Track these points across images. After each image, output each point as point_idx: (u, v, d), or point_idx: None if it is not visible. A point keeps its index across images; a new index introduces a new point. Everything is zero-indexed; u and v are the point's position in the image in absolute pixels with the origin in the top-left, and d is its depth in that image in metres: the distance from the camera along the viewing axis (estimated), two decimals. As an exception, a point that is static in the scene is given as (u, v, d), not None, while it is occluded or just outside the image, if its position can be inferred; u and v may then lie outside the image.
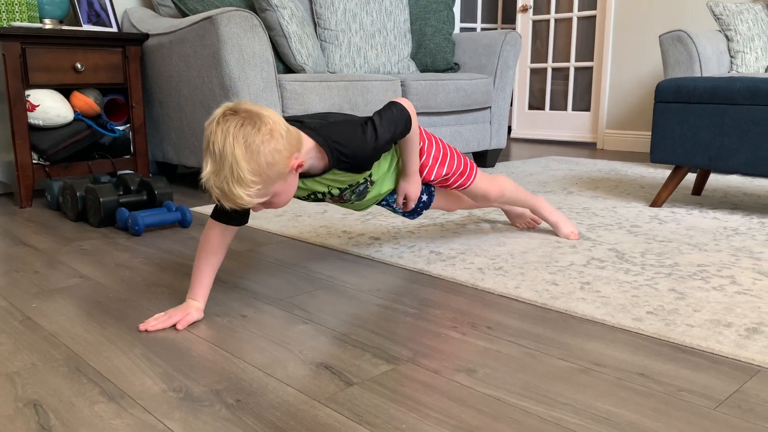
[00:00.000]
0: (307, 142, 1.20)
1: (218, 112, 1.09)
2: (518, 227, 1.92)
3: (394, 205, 1.58)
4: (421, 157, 1.48)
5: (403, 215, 1.67)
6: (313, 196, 1.38)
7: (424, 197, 1.63)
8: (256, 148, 1.06)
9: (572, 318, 1.22)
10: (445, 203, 1.74)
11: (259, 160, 1.07)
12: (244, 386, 0.96)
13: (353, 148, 1.24)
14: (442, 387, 0.95)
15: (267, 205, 1.18)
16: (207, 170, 1.08)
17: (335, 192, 1.37)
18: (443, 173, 1.53)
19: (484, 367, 1.02)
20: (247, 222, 1.30)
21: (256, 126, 1.07)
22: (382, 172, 1.43)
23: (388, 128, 1.28)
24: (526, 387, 0.95)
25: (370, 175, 1.39)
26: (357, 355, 1.07)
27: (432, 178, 1.52)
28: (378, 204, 1.59)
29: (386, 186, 1.48)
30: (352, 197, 1.43)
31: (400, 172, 1.47)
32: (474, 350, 1.08)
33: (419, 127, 1.49)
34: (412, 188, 1.47)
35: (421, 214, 1.68)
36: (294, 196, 1.38)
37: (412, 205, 1.50)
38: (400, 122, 1.31)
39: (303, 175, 1.27)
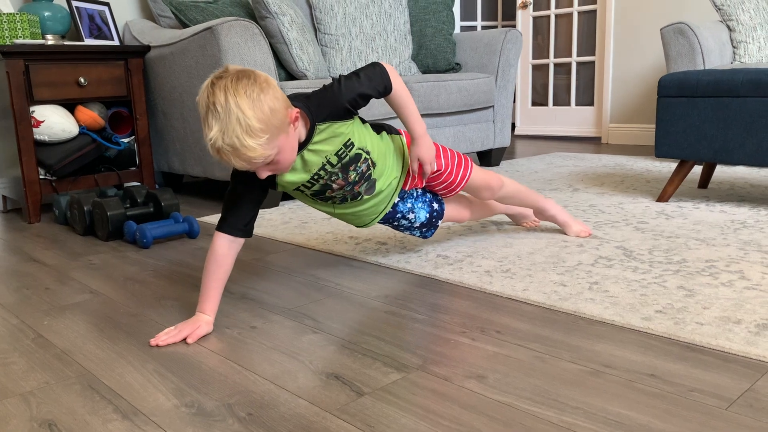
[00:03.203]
0: None
1: (208, 79, 1.13)
2: (525, 227, 1.92)
3: (407, 201, 1.56)
4: None
5: (419, 235, 1.66)
6: (318, 179, 1.35)
7: (436, 205, 1.62)
8: (257, 96, 1.10)
9: (581, 319, 1.22)
10: (456, 212, 1.71)
11: (262, 107, 1.11)
12: (256, 399, 0.97)
13: (324, 95, 1.29)
14: (453, 394, 0.96)
15: (273, 166, 1.20)
16: (214, 131, 1.10)
17: (334, 160, 1.33)
18: (442, 165, 1.52)
19: (495, 373, 1.02)
20: (251, 234, 1.31)
21: (251, 78, 1.12)
22: (381, 153, 1.41)
23: (357, 79, 1.30)
24: (536, 392, 0.95)
25: (368, 151, 1.37)
26: (367, 364, 1.07)
27: (434, 168, 1.51)
28: (392, 226, 1.61)
29: (393, 174, 1.47)
30: (360, 182, 1.40)
31: (406, 159, 1.48)
32: (484, 355, 1.09)
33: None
34: (424, 151, 1.43)
35: (437, 227, 1.66)
36: (300, 187, 1.37)
37: (429, 169, 1.46)
38: (373, 76, 1.32)
39: (299, 147, 1.28)
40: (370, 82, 1.31)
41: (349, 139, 1.33)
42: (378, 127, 1.46)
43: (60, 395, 1.01)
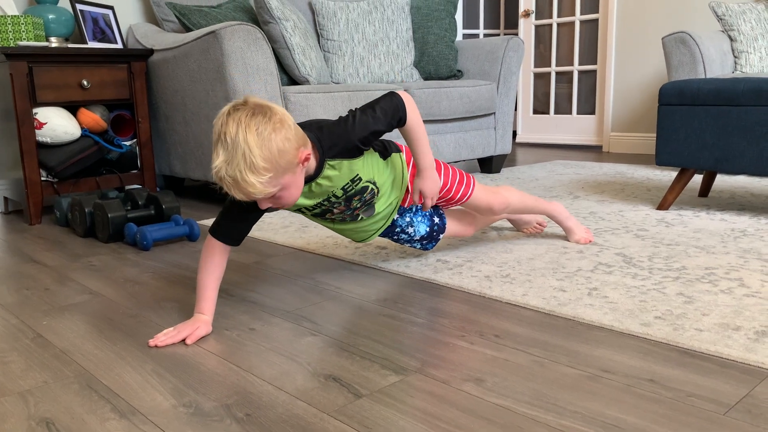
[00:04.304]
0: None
1: (227, 106, 1.13)
2: (525, 233, 1.92)
3: (406, 216, 1.57)
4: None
5: (420, 247, 1.66)
6: (321, 206, 1.38)
7: (436, 219, 1.62)
8: (268, 135, 1.10)
9: (580, 324, 1.22)
10: (459, 228, 1.71)
11: (270, 147, 1.10)
12: (254, 400, 0.97)
13: (337, 129, 1.27)
14: (451, 397, 0.96)
15: (275, 200, 1.20)
16: (219, 160, 1.10)
17: (339, 193, 1.34)
18: (442, 182, 1.53)
19: (493, 377, 1.02)
20: (240, 244, 1.32)
21: (267, 115, 1.11)
22: (385, 180, 1.43)
23: (373, 113, 1.29)
24: (535, 396, 0.95)
25: (374, 182, 1.39)
26: (365, 367, 1.07)
27: (435, 203, 1.52)
28: (392, 239, 1.61)
29: (393, 196, 1.48)
30: (361, 208, 1.42)
31: (408, 181, 1.48)
32: (482, 359, 1.08)
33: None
34: (428, 184, 1.43)
35: (438, 240, 1.66)
36: (304, 209, 1.39)
37: (430, 203, 1.45)
38: (389, 110, 1.30)
39: (306, 180, 1.27)
40: (385, 116, 1.30)
41: (357, 174, 1.34)
42: (384, 150, 1.44)
43: (58, 394, 1.01)
